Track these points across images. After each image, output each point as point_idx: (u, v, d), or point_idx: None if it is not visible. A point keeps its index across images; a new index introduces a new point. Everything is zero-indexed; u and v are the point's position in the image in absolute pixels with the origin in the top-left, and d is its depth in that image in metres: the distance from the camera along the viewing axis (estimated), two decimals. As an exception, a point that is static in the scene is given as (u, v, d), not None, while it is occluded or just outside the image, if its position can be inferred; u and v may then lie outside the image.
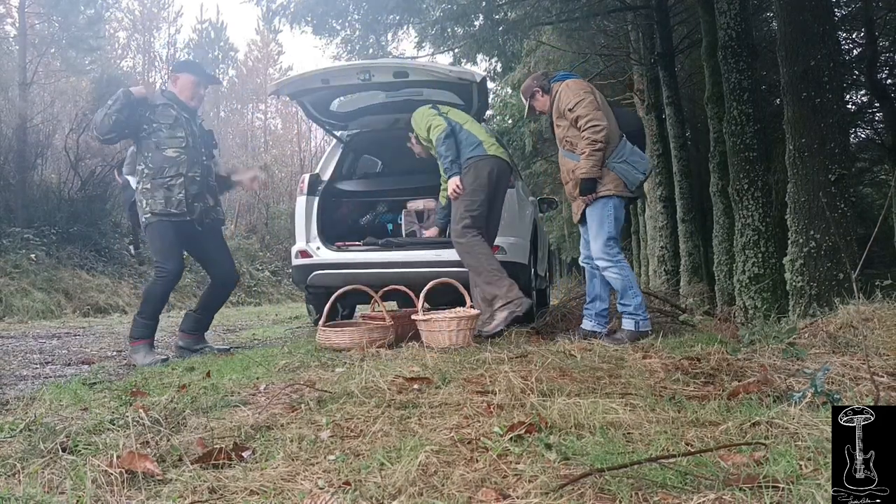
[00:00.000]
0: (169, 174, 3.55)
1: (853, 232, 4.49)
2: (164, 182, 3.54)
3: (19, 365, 3.53)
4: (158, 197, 3.53)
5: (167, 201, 3.53)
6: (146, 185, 3.56)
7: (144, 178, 3.58)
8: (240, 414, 1.87)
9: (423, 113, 3.95)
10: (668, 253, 10.51)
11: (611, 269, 3.52)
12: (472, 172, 3.80)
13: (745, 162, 6.05)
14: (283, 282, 15.66)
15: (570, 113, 3.49)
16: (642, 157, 3.59)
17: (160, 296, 3.59)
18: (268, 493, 1.23)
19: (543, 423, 1.60)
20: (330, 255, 4.41)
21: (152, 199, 3.53)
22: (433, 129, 3.81)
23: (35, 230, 9.60)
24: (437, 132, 3.78)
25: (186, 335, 3.80)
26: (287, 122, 28.33)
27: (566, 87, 3.59)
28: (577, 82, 3.63)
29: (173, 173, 3.55)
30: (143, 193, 3.57)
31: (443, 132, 3.76)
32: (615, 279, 3.52)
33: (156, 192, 3.53)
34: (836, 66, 4.65)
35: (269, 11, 9.77)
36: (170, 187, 3.54)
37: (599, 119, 3.41)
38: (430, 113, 3.91)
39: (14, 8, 11.38)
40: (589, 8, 10.16)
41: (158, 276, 3.56)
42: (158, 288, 3.57)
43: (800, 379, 2.04)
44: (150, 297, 3.60)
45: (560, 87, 3.62)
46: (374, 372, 2.29)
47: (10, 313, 7.66)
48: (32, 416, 1.89)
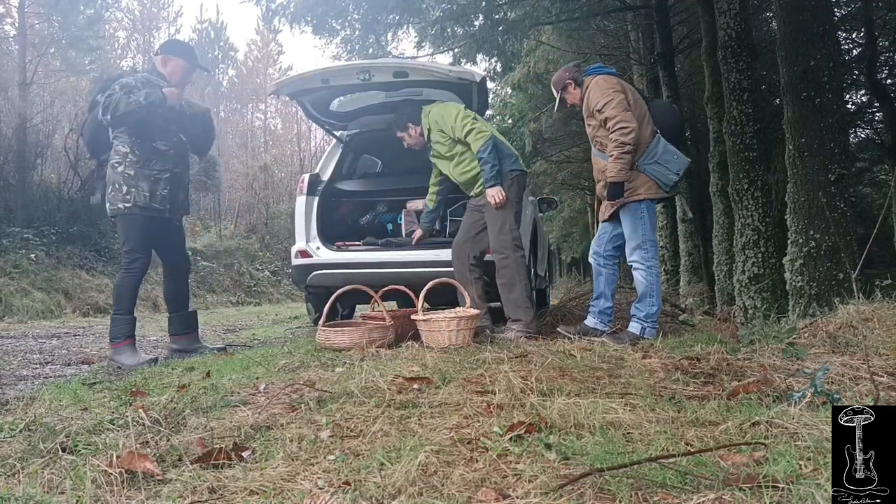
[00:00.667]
0: (156, 168, 3.43)
1: (853, 232, 4.50)
2: (151, 174, 3.42)
3: (19, 365, 3.53)
4: (143, 188, 3.39)
5: (152, 195, 3.41)
6: (129, 171, 3.39)
7: (127, 164, 3.39)
8: (240, 414, 1.86)
9: (455, 111, 3.87)
10: (668, 253, 10.52)
11: (640, 272, 3.51)
12: (515, 186, 3.87)
13: (745, 162, 6.06)
14: (282, 282, 15.66)
15: (599, 114, 3.43)
16: (676, 156, 3.46)
17: (134, 289, 3.46)
18: (267, 493, 1.23)
19: (543, 423, 1.60)
20: (330, 255, 4.41)
21: (135, 189, 3.38)
22: (476, 133, 3.76)
23: (35, 230, 9.60)
24: (482, 139, 3.74)
25: (180, 338, 3.74)
26: (287, 121, 28.32)
27: (595, 84, 3.49)
28: (607, 80, 3.50)
29: (160, 168, 3.44)
30: (125, 179, 3.39)
31: (490, 139, 3.75)
32: (640, 282, 3.51)
33: (140, 183, 3.39)
34: (835, 65, 4.66)
35: (269, 11, 9.77)
36: (156, 181, 3.43)
37: (628, 121, 3.32)
38: (468, 114, 3.87)
39: (14, 8, 11.38)
40: (589, 8, 10.16)
41: (130, 268, 3.43)
42: (133, 280, 3.44)
43: (799, 379, 2.04)
44: (124, 292, 3.44)
45: (591, 84, 3.54)
46: (374, 372, 2.29)
47: (10, 313, 7.66)
48: (32, 416, 1.89)
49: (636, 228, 3.50)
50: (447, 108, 3.92)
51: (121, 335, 3.38)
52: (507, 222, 3.80)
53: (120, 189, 3.39)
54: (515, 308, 3.75)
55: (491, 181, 3.75)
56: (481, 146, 3.75)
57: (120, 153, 3.42)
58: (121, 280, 3.46)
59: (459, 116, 3.85)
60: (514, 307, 3.75)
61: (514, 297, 3.75)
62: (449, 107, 3.93)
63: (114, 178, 3.42)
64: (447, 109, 3.91)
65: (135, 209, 3.39)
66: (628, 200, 3.47)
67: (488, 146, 3.75)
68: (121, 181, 3.39)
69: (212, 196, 17.24)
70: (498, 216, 3.81)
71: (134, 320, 3.47)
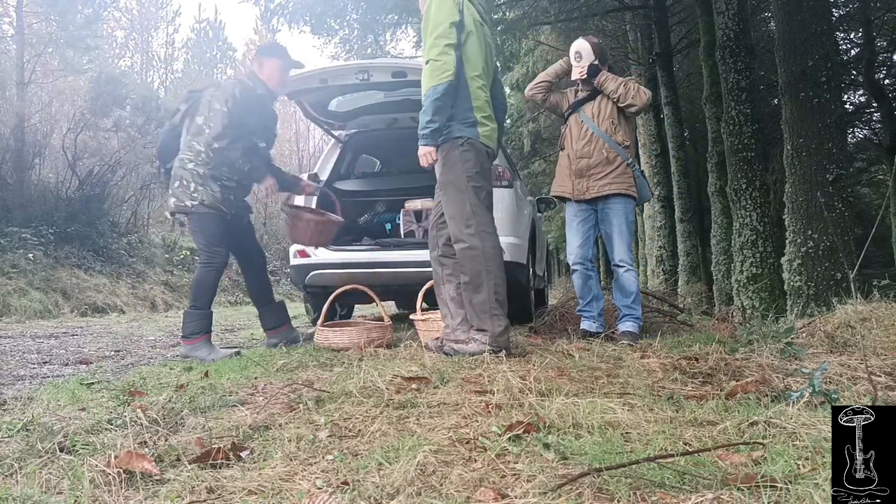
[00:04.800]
0: (226, 174, 3.44)
1: (851, 232, 4.50)
2: (220, 176, 3.42)
3: (17, 365, 3.52)
4: (212, 188, 3.40)
5: (223, 198, 3.43)
6: (199, 170, 3.39)
7: (199, 163, 3.40)
8: (238, 414, 1.86)
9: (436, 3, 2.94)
10: (667, 253, 10.53)
11: (631, 272, 3.56)
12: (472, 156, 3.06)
13: (743, 162, 6.06)
14: (281, 281, 15.64)
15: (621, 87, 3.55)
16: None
17: (214, 284, 3.46)
18: (266, 493, 1.22)
19: (542, 423, 1.60)
20: (328, 255, 4.41)
21: (204, 187, 3.38)
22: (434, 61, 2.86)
23: (33, 230, 9.57)
24: (437, 75, 2.84)
25: (275, 331, 3.81)
26: (285, 121, 28.28)
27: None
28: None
29: (228, 175, 3.45)
30: (194, 176, 3.39)
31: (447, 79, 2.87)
32: (631, 282, 3.55)
33: (209, 183, 3.39)
34: (833, 66, 4.66)
35: (268, 11, 9.78)
36: (225, 186, 3.44)
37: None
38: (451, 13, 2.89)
39: (11, 7, 11.33)
40: (587, 8, 10.17)
41: (210, 263, 3.43)
42: (212, 276, 3.44)
43: (798, 378, 2.04)
44: (203, 286, 3.43)
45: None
46: (373, 372, 2.28)
47: (8, 313, 7.64)
48: (30, 416, 1.88)
49: (628, 226, 3.56)
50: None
51: (199, 330, 3.36)
52: (466, 202, 2.90)
53: (188, 186, 3.38)
54: (480, 314, 2.87)
55: (424, 139, 2.90)
56: (430, 87, 2.82)
57: (194, 150, 3.41)
58: (201, 275, 3.44)
59: (433, 7, 2.87)
60: (477, 313, 2.88)
61: (478, 299, 2.88)
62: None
63: (181, 174, 3.41)
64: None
65: (202, 207, 3.39)
66: (623, 175, 3.53)
67: (439, 89, 2.80)
68: (190, 180, 3.39)
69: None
70: (450, 193, 2.95)
71: (211, 315, 3.47)
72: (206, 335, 3.38)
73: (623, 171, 3.52)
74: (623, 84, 3.54)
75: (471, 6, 3.01)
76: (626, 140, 3.56)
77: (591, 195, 3.57)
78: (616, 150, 3.52)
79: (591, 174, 3.56)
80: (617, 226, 3.55)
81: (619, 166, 3.51)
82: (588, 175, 3.56)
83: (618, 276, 3.58)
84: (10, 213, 9.80)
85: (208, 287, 3.44)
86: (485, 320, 2.86)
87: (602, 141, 3.55)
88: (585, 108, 3.64)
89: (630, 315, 3.52)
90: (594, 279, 3.69)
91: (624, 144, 3.54)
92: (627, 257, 3.56)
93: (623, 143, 3.54)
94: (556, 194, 3.80)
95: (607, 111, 3.58)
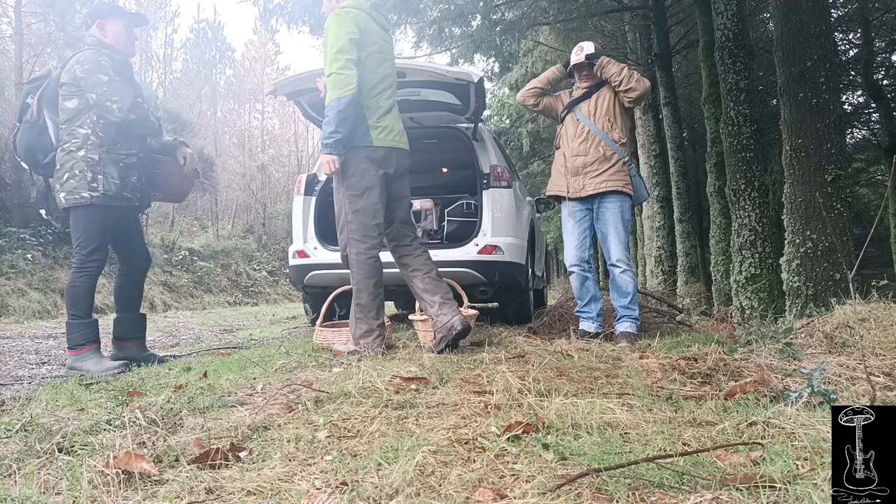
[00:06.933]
0: (123, 150, 3.07)
1: (849, 232, 4.50)
2: (119, 158, 3.06)
3: (15, 365, 3.52)
4: (111, 175, 3.02)
5: (123, 183, 3.06)
6: (92, 156, 2.99)
7: (90, 147, 2.99)
8: (237, 414, 1.86)
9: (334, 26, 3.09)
10: (665, 253, 10.53)
11: (628, 273, 3.55)
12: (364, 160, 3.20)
13: (742, 162, 6.06)
14: (280, 282, 15.63)
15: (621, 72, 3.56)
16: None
17: (91, 289, 3.09)
18: (265, 494, 1.22)
19: (541, 423, 1.60)
20: (327, 256, 4.41)
21: (102, 175, 2.99)
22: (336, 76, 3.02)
23: (31, 230, 9.56)
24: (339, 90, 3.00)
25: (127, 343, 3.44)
26: (284, 122, 28.28)
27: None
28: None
29: (126, 150, 3.08)
30: (89, 164, 2.98)
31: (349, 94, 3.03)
32: (629, 283, 3.55)
33: (108, 169, 3.01)
34: (832, 66, 4.66)
35: (267, 11, 9.77)
36: (127, 166, 3.08)
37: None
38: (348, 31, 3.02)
39: (10, 7, 11.33)
40: (586, 8, 10.17)
41: (86, 267, 3.05)
42: (85, 281, 3.07)
43: (796, 379, 2.05)
44: (77, 293, 3.06)
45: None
46: (372, 372, 2.28)
47: (7, 313, 7.63)
48: (29, 417, 1.88)
49: (624, 225, 3.57)
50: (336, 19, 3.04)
51: (84, 341, 3.04)
52: (342, 212, 3.13)
53: (84, 176, 2.98)
54: (352, 318, 3.14)
55: (326, 148, 3.02)
56: (333, 98, 2.93)
57: (79, 136, 3.02)
58: (76, 280, 3.07)
59: (333, 24, 3.00)
60: (351, 315, 3.14)
61: (356, 303, 3.12)
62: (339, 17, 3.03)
63: (72, 164, 3.00)
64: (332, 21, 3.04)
65: (103, 199, 3.03)
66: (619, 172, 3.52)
67: (343, 101, 2.91)
68: (83, 167, 2.99)
69: (209, 196, 17.22)
70: (336, 202, 3.19)
71: (96, 323, 3.16)
72: (92, 345, 3.06)
73: (619, 169, 3.52)
74: (625, 68, 3.56)
75: (370, 19, 3.13)
76: (622, 138, 3.57)
77: (587, 193, 3.57)
78: (612, 148, 3.52)
79: (587, 171, 3.56)
80: (613, 224, 3.55)
81: (616, 164, 3.52)
82: (584, 173, 3.57)
83: (614, 276, 3.57)
84: (8, 214, 9.79)
85: (83, 294, 3.08)
86: (351, 322, 3.15)
87: (598, 138, 3.55)
88: (581, 106, 3.65)
89: (628, 316, 3.52)
90: (592, 280, 3.69)
91: (620, 142, 3.55)
92: (624, 257, 3.55)
93: (619, 140, 3.55)
94: (551, 194, 3.80)
95: (603, 109, 3.58)
